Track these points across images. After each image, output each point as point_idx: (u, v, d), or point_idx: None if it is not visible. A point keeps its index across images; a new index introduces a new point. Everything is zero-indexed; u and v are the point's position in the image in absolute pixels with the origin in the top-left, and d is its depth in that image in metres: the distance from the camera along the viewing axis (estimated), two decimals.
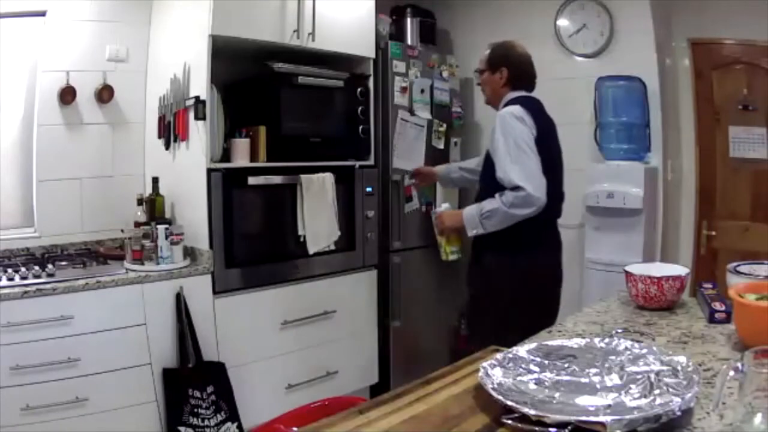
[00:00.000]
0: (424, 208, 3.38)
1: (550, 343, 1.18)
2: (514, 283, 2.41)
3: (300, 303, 2.88)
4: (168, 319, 2.46)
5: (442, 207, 2.79)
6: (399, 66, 3.26)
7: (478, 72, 2.63)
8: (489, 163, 2.45)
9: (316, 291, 2.95)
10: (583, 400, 0.95)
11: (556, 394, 0.97)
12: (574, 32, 3.44)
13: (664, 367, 1.02)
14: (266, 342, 2.77)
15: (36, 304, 2.15)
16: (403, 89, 3.28)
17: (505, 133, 2.35)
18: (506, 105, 2.48)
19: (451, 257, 2.74)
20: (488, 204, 2.37)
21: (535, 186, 2.28)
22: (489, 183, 2.42)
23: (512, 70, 2.51)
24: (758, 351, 0.87)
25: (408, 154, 3.31)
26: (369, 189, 3.14)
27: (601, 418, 0.86)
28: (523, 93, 2.52)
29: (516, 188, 2.28)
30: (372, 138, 3.16)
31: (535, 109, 2.47)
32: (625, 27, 3.28)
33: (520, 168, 2.29)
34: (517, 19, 3.62)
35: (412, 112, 3.32)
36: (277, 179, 2.77)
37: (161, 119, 2.81)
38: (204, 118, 2.56)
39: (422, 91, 3.37)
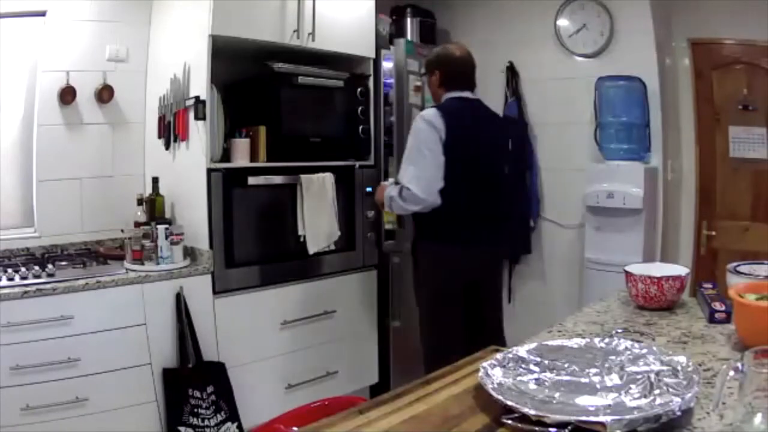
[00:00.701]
0: None
1: (550, 343, 1.18)
2: (427, 272, 2.62)
3: (300, 303, 2.88)
4: (168, 319, 2.46)
5: (388, 181, 2.83)
6: (412, 65, 3.25)
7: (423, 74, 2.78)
8: None
9: (316, 291, 2.95)
10: (583, 400, 0.95)
11: (556, 394, 0.97)
12: (574, 32, 3.45)
13: (664, 367, 1.01)
14: (266, 342, 2.77)
15: (36, 304, 2.15)
16: (417, 88, 3.27)
17: (412, 135, 2.54)
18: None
19: (387, 226, 3.04)
20: (392, 190, 2.57)
21: (422, 187, 2.45)
22: None
23: (444, 72, 2.61)
24: (758, 351, 0.87)
25: None
26: (369, 189, 3.14)
27: (601, 418, 0.86)
28: (457, 94, 2.60)
29: (403, 186, 2.50)
30: (372, 138, 3.16)
31: (456, 111, 2.55)
32: (625, 27, 3.28)
33: (413, 169, 2.48)
34: (517, 19, 3.62)
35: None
36: (277, 179, 2.77)
37: (161, 119, 2.81)
38: (204, 118, 2.56)
39: None
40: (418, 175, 2.46)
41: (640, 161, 3.16)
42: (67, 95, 2.69)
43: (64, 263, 2.49)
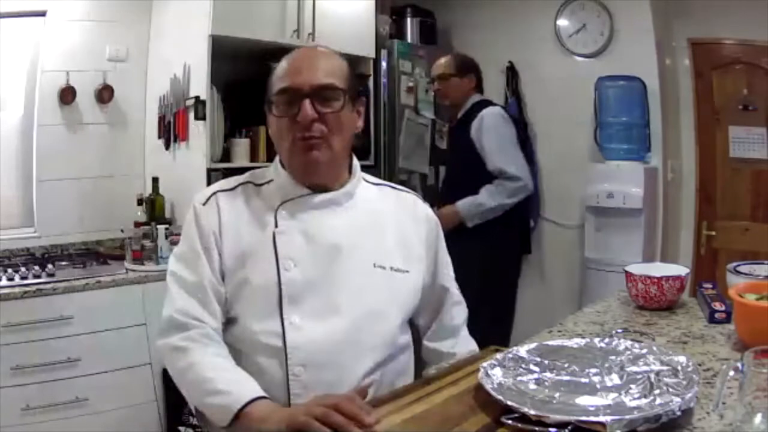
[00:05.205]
0: None
1: (550, 343, 1.18)
2: None
3: None
4: None
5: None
6: (405, 65, 3.26)
7: (442, 78, 2.86)
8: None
9: None
10: (583, 400, 0.95)
11: (556, 394, 0.97)
12: (574, 32, 3.44)
13: (664, 367, 1.01)
14: None
15: (36, 304, 2.15)
16: (410, 89, 3.29)
17: (500, 131, 2.76)
18: (479, 107, 2.79)
19: None
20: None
21: (521, 171, 2.74)
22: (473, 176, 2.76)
23: (478, 78, 2.88)
24: (758, 351, 0.87)
25: (413, 153, 3.32)
26: None
27: (601, 418, 0.86)
28: (482, 97, 2.88)
29: (513, 177, 2.70)
30: (372, 138, 3.16)
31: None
32: (625, 27, 3.28)
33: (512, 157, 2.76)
34: (517, 19, 3.62)
35: (417, 111, 3.33)
36: None
37: (161, 119, 2.81)
38: (204, 118, 2.56)
39: (426, 91, 3.37)
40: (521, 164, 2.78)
41: (640, 161, 3.16)
42: (67, 95, 2.70)
43: (64, 263, 2.49)
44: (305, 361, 1.12)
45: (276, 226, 1.19)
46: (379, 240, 1.25)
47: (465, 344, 1.36)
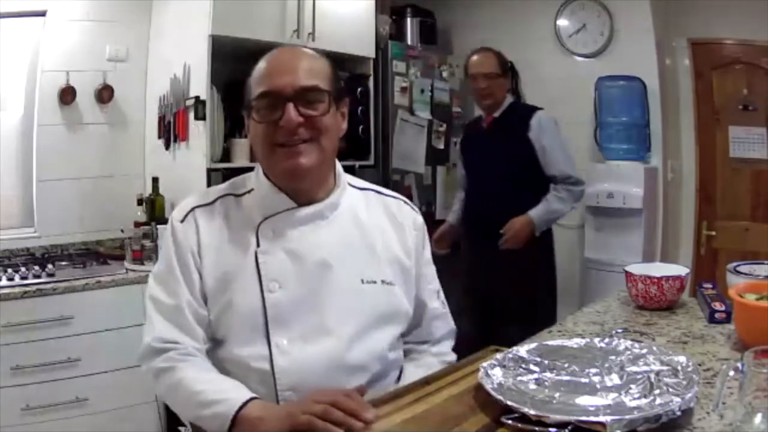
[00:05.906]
0: (423, 208, 3.38)
1: (550, 343, 1.18)
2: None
3: None
4: None
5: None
6: (399, 66, 3.26)
7: (489, 76, 2.71)
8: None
9: None
10: (583, 400, 0.95)
11: (556, 394, 0.97)
12: (574, 32, 3.44)
13: (664, 367, 1.01)
14: None
15: (36, 304, 2.16)
16: (403, 89, 3.28)
17: (557, 132, 2.75)
18: (515, 108, 2.78)
19: None
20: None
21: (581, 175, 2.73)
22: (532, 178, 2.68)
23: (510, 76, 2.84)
24: (758, 351, 0.87)
25: (408, 154, 3.32)
26: None
27: (601, 418, 0.86)
28: (513, 97, 2.84)
29: (578, 182, 2.68)
30: (372, 138, 3.16)
31: None
32: (625, 27, 3.28)
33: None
34: (517, 19, 3.62)
35: (412, 111, 3.32)
36: None
37: (161, 119, 2.81)
38: (204, 118, 2.55)
39: (422, 91, 3.37)
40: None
41: (640, 161, 3.16)
42: (67, 95, 2.69)
43: (64, 263, 2.49)
44: (295, 385, 1.08)
45: (258, 245, 1.13)
46: (366, 253, 1.19)
47: (443, 350, 1.32)
